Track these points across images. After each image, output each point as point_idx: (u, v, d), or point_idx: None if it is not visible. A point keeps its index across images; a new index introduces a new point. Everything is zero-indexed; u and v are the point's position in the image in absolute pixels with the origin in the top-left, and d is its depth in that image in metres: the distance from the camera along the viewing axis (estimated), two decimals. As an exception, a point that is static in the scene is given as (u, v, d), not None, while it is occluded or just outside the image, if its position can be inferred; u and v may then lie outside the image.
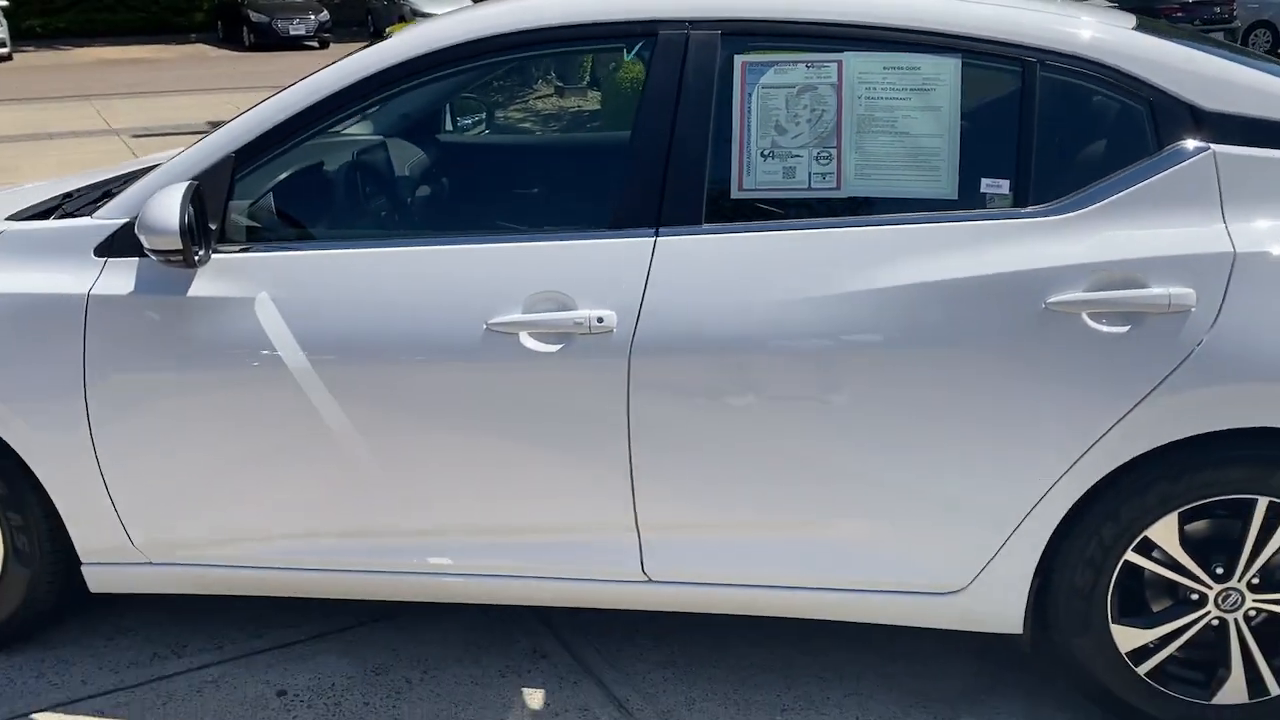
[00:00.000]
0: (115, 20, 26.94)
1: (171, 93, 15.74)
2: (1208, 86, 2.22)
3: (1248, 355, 2.10)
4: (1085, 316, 2.15)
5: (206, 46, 25.07)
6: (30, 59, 22.02)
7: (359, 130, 2.87)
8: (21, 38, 23.85)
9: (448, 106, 3.18)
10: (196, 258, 2.29)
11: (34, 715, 2.51)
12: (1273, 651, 2.31)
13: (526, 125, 3.28)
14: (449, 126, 3.27)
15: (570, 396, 2.29)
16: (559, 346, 2.27)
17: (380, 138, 2.97)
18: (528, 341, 2.28)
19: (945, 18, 2.29)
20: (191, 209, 2.25)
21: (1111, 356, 2.14)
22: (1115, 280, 2.14)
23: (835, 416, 2.25)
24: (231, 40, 25.01)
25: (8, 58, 21.74)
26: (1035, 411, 2.18)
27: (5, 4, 22.92)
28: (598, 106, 3.31)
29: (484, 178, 3.14)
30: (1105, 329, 2.14)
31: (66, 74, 19.09)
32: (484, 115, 3.24)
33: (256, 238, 2.46)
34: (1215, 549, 2.26)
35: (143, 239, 2.26)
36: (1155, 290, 2.12)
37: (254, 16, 23.71)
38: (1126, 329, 2.14)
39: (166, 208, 2.22)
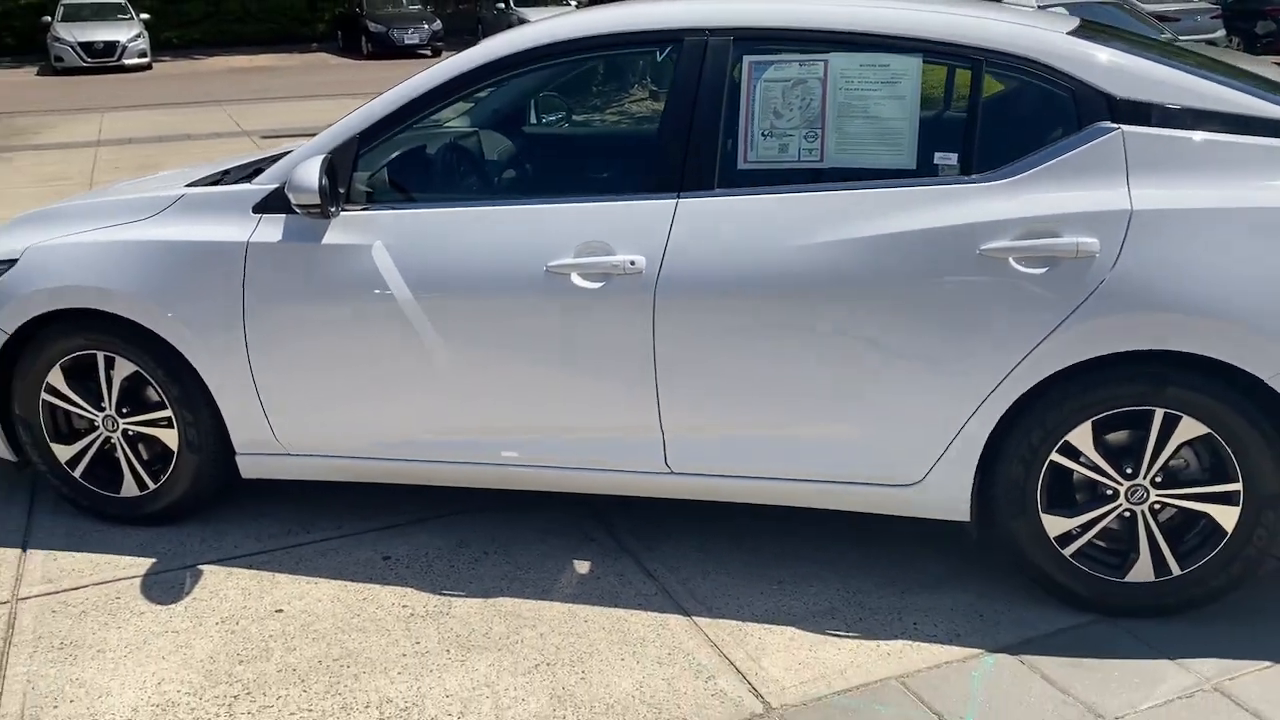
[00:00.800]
0: (244, 31, 28.59)
1: (296, 98, 16.92)
2: (1120, 79, 2.77)
3: (1140, 292, 2.65)
4: (1012, 260, 2.72)
5: (328, 55, 26.47)
6: (168, 68, 23.64)
7: (451, 117, 3.57)
8: (160, 48, 25.56)
9: (527, 99, 3.88)
10: (330, 212, 3.02)
11: (199, 566, 3.26)
12: (1174, 538, 2.84)
13: (586, 115, 3.95)
14: (531, 117, 3.96)
15: (609, 324, 2.95)
16: (601, 284, 2.93)
17: (467, 124, 3.68)
18: (577, 280, 2.94)
19: (909, 25, 2.89)
20: (326, 176, 2.98)
21: (1032, 293, 2.71)
22: (1036, 231, 2.71)
23: (816, 340, 2.86)
24: (351, 49, 26.36)
25: (148, 67, 23.39)
26: (973, 336, 2.76)
27: (146, 17, 24.67)
28: (644, 99, 3.95)
29: (546, 154, 3.83)
30: (1027, 270, 2.71)
31: (201, 81, 20.54)
32: (556, 107, 3.92)
33: (374, 200, 3.18)
34: (1124, 452, 2.80)
35: (291, 197, 3.00)
36: (1067, 239, 2.68)
37: (372, 26, 24.98)
38: (1044, 270, 2.70)
39: (309, 174, 2.96)
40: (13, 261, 3.39)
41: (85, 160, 11.18)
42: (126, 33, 23.36)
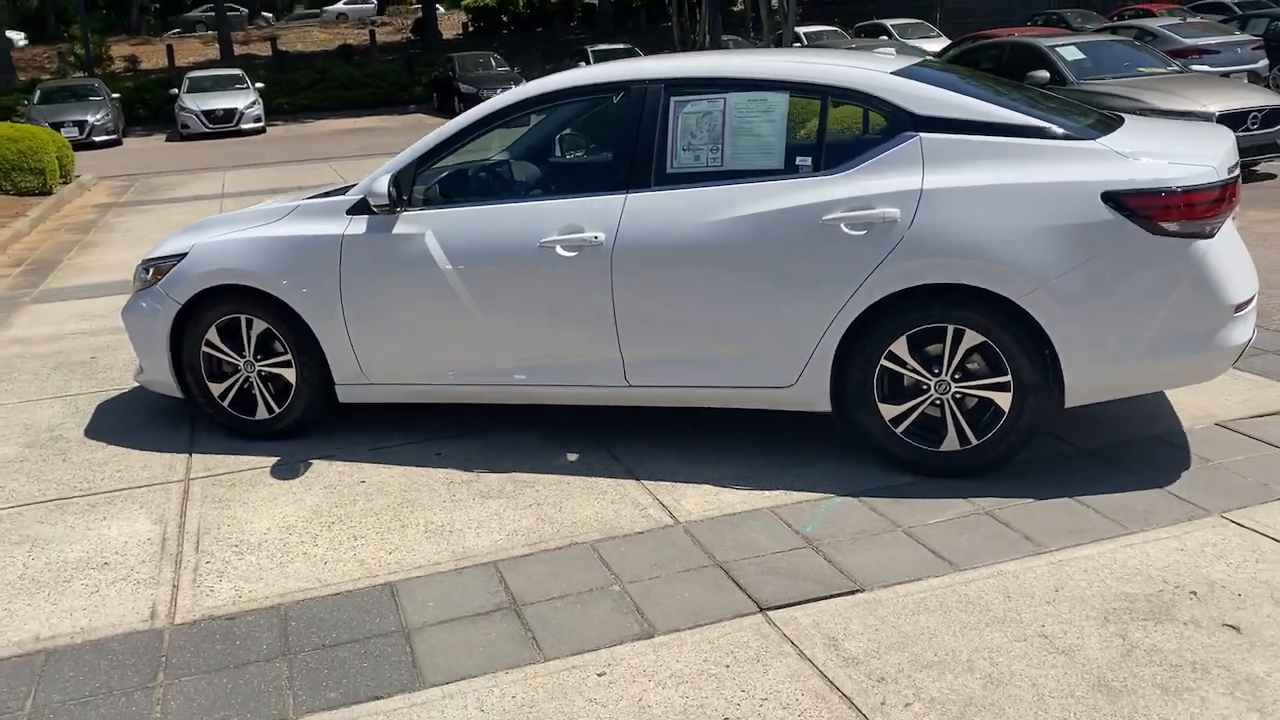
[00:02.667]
0: (348, 96, 31.02)
1: (394, 154, 18.81)
2: (920, 102, 4.08)
3: (927, 244, 3.92)
4: (843, 226, 4.02)
5: (424, 115, 28.65)
6: (280, 131, 26.01)
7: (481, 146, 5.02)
8: (273, 114, 28.06)
9: (529, 132, 5.34)
10: (395, 211, 4.48)
11: (310, 460, 4.70)
12: (972, 418, 4.08)
13: (568, 140, 5.38)
14: (531, 144, 5.40)
15: (582, 281, 4.32)
16: (576, 253, 4.31)
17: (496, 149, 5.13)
18: (560, 251, 4.33)
19: (777, 72, 4.24)
20: (393, 186, 4.44)
21: (857, 247, 4.00)
22: (858, 205, 4.01)
23: (720, 288, 4.18)
24: (445, 110, 28.49)
25: (263, 131, 25.79)
26: (821, 278, 4.06)
27: (260, 86, 27.16)
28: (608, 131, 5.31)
29: (541, 168, 5.25)
30: (853, 232, 4.01)
31: (310, 142, 22.73)
32: (549, 135, 5.36)
33: (428, 204, 4.62)
34: (932, 357, 4.06)
35: (370, 200, 4.48)
36: (878, 210, 3.98)
37: (463, 88, 27.06)
38: (864, 232, 4.00)
39: (381, 185, 4.43)
40: (183, 255, 4.93)
41: (211, 210, 13.05)
42: (243, 100, 25.83)
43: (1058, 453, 4.35)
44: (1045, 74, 12.23)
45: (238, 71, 27.72)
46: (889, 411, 4.15)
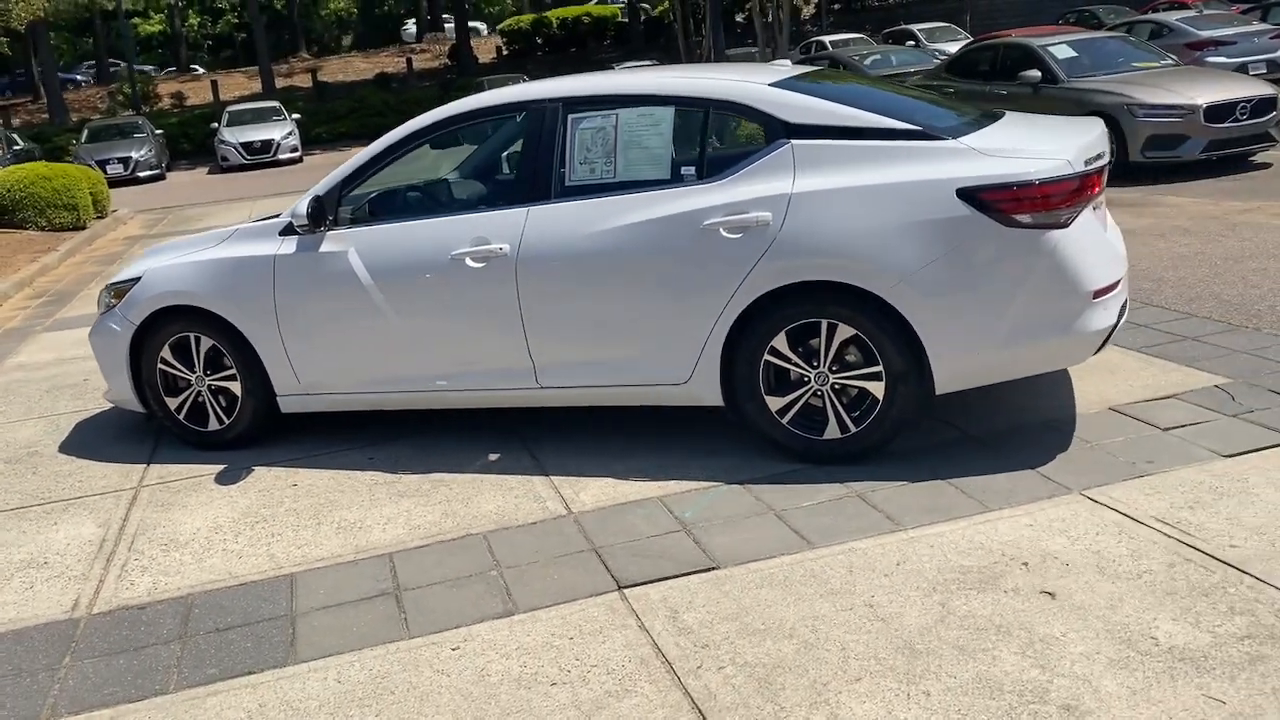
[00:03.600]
0: (384, 123, 31.61)
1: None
2: (793, 111, 4.31)
3: (797, 244, 4.15)
4: (721, 230, 4.26)
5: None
6: (317, 159, 26.73)
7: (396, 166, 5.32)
8: (311, 143, 28.85)
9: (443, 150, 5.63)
10: (316, 230, 4.81)
11: (252, 467, 5.03)
12: (850, 407, 4.28)
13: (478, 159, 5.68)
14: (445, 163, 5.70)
15: (492, 289, 4.61)
16: (484, 264, 4.60)
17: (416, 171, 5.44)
18: (470, 263, 4.62)
19: (663, 87, 4.51)
20: (311, 207, 4.76)
21: (734, 250, 4.23)
22: (734, 210, 4.24)
23: (616, 289, 4.44)
24: (475, 132, 29.05)
25: (299, 160, 26.53)
26: (705, 280, 4.29)
27: (298, 117, 27.94)
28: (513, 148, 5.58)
29: (457, 186, 5.55)
30: (730, 236, 4.25)
31: (341, 169, 23.31)
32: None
33: (351, 222, 4.94)
34: (810, 351, 4.28)
35: (294, 222, 4.81)
36: (752, 214, 4.22)
37: (492, 110, 27.55)
38: (741, 235, 4.23)
39: (301, 207, 4.76)
40: (138, 279, 5.30)
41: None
42: (280, 131, 26.60)
43: (946, 438, 4.53)
44: (1037, 73, 12.32)
45: (275, 104, 28.56)
46: (775, 403, 4.37)
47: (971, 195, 4.00)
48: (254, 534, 4.29)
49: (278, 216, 5.29)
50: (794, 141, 4.27)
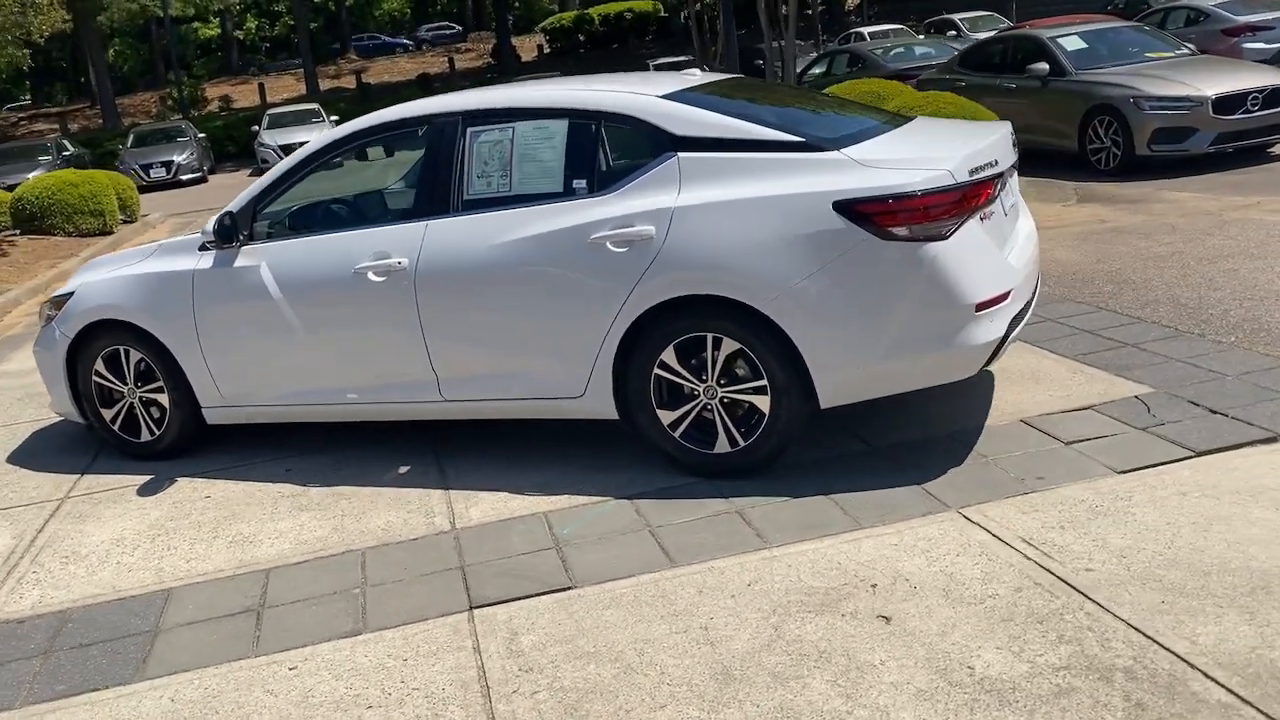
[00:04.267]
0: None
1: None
2: (680, 123, 4.27)
3: (678, 259, 4.10)
4: (608, 244, 4.24)
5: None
6: (352, 160, 27.04)
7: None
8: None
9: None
10: (228, 246, 4.87)
11: (176, 478, 5.12)
12: (738, 422, 4.23)
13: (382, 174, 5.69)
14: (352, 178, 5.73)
15: (392, 303, 4.63)
16: (385, 278, 4.62)
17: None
18: (371, 276, 4.65)
19: (556, 100, 4.49)
20: (219, 224, 4.83)
21: (620, 263, 4.21)
22: (620, 224, 4.22)
23: (511, 303, 4.43)
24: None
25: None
26: (593, 294, 4.27)
27: (335, 118, 28.32)
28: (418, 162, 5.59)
29: (364, 200, 5.57)
30: (616, 250, 4.22)
31: (379, 169, 23.59)
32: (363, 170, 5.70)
33: (265, 238, 5.00)
34: (699, 365, 4.24)
35: (204, 239, 4.87)
36: (636, 228, 4.18)
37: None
38: (626, 249, 4.21)
39: (209, 224, 4.82)
40: (71, 294, 5.42)
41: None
42: (317, 133, 26.94)
43: (848, 450, 4.47)
44: (1045, 66, 12.06)
45: (314, 106, 28.99)
46: (667, 417, 4.33)
47: (847, 208, 3.93)
48: (151, 547, 4.36)
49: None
50: (680, 154, 4.23)
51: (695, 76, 4.94)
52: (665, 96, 4.41)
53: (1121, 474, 3.96)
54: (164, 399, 5.29)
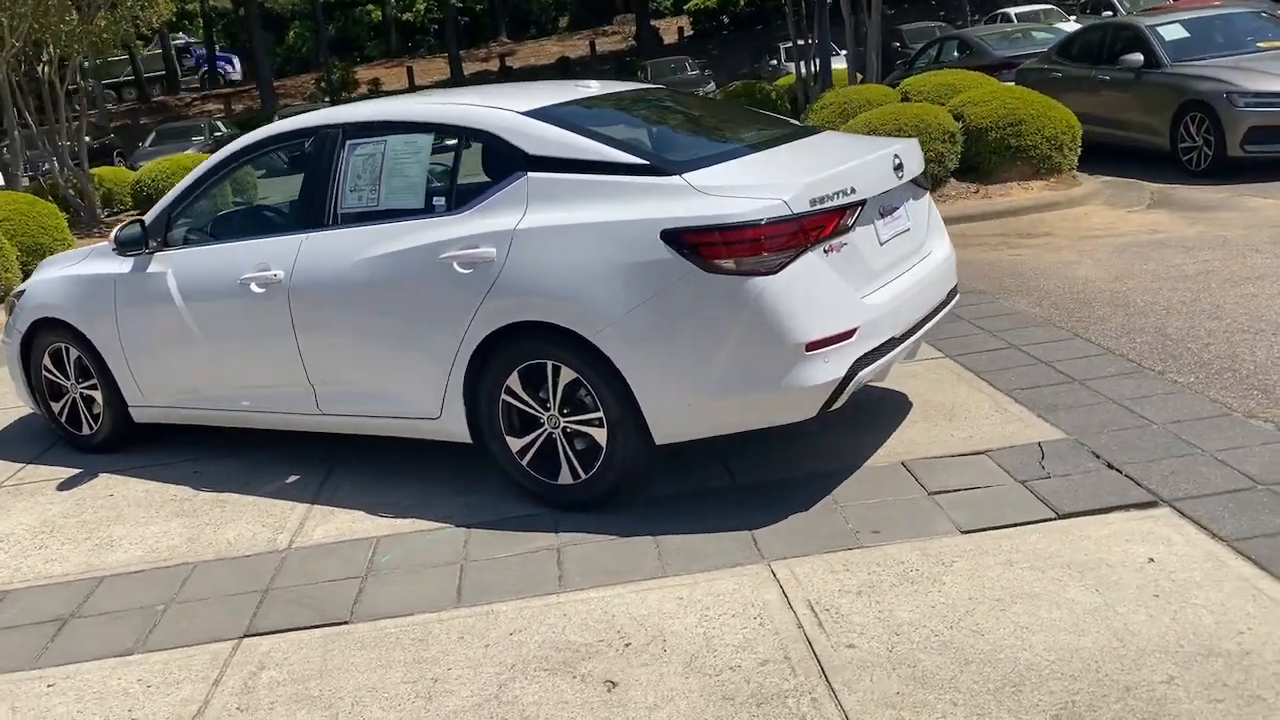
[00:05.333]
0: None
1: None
2: (533, 141, 4.11)
3: (514, 283, 3.96)
4: (455, 265, 4.13)
5: (622, 122, 29.41)
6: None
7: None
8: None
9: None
10: (134, 253, 4.98)
11: (100, 473, 5.30)
12: (580, 453, 4.07)
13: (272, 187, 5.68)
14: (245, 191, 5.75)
15: (271, 314, 4.65)
16: (265, 289, 4.65)
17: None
18: (254, 287, 4.68)
19: (426, 114, 4.40)
20: (125, 232, 4.94)
21: (466, 285, 4.09)
22: (466, 245, 4.10)
23: (371, 320, 4.38)
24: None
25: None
26: (442, 315, 4.17)
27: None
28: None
29: (260, 211, 5.58)
30: (462, 270, 4.11)
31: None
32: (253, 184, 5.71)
33: (176, 245, 5.09)
34: (542, 392, 4.09)
35: (112, 246, 5.01)
36: (480, 250, 4.06)
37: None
38: (471, 271, 4.09)
39: (115, 232, 4.94)
40: (24, 291, 5.67)
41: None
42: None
43: (709, 485, 4.25)
44: (1139, 57, 11.21)
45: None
46: (515, 444, 4.21)
47: (674, 237, 3.71)
48: (25, 546, 4.52)
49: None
50: (530, 174, 4.08)
51: (590, 88, 4.76)
52: (528, 113, 4.25)
53: (964, 534, 3.63)
54: (99, 396, 5.48)
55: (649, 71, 29.33)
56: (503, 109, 4.29)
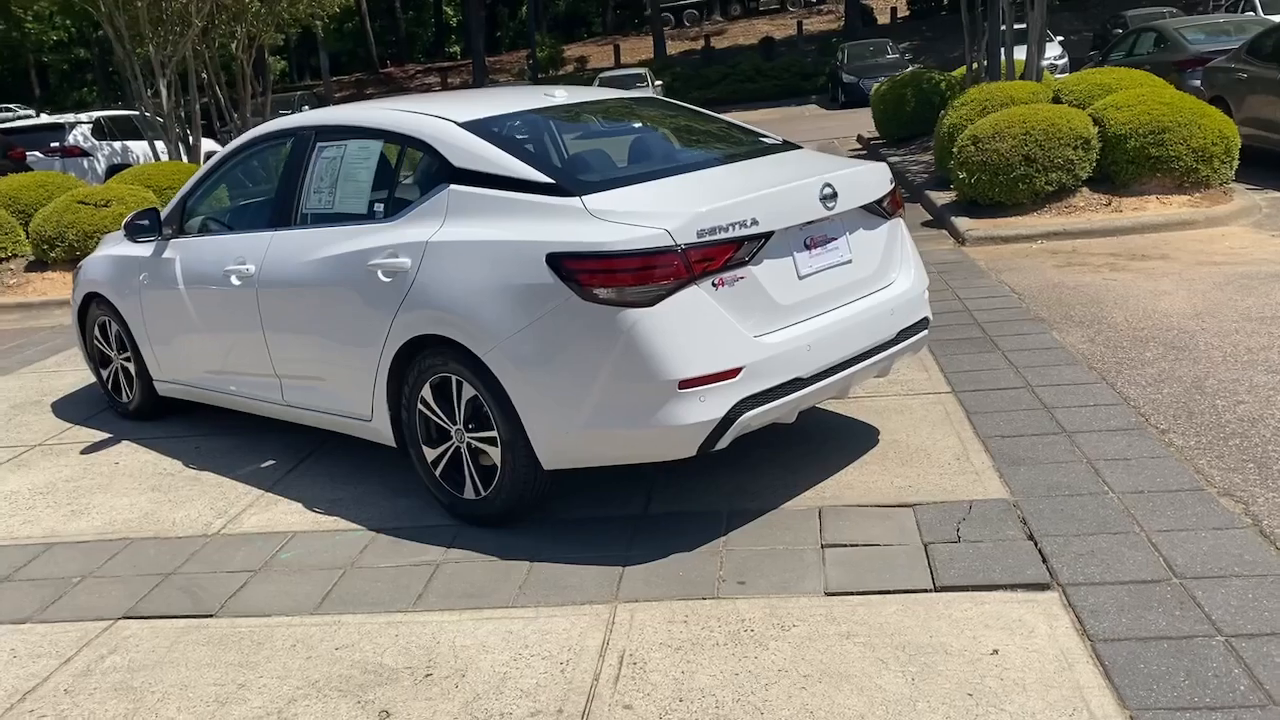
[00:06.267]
0: (753, 89, 32.08)
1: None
2: (459, 153, 4.11)
3: (421, 296, 3.98)
4: (379, 273, 4.19)
5: (817, 107, 28.86)
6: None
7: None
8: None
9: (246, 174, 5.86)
10: (157, 238, 5.31)
11: (122, 440, 5.70)
12: (481, 469, 4.06)
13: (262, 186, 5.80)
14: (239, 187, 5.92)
15: (245, 305, 4.85)
16: (241, 281, 4.86)
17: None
18: (233, 279, 4.90)
19: (377, 120, 4.47)
20: (136, 220, 5.27)
21: (385, 294, 4.15)
22: (388, 253, 4.15)
23: (315, 320, 4.50)
24: (833, 99, 28.50)
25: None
26: (367, 321, 4.25)
27: (659, 83, 29.03)
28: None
29: (250, 207, 5.73)
30: (384, 279, 4.16)
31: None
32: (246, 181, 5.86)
33: (188, 233, 5.39)
34: (450, 405, 4.11)
35: (124, 234, 5.35)
36: (399, 260, 4.10)
37: (845, 78, 26.95)
38: (391, 280, 4.14)
39: (129, 218, 5.27)
40: (82, 266, 6.15)
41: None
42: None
43: (619, 512, 4.16)
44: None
45: (641, 70, 29.81)
46: (429, 454, 4.24)
47: (556, 262, 3.63)
48: (18, 505, 4.92)
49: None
50: (451, 186, 4.08)
51: (553, 97, 4.70)
52: (464, 124, 4.25)
53: (827, 595, 3.40)
54: (132, 368, 5.88)
55: (846, 54, 28.55)
56: (443, 119, 4.30)
